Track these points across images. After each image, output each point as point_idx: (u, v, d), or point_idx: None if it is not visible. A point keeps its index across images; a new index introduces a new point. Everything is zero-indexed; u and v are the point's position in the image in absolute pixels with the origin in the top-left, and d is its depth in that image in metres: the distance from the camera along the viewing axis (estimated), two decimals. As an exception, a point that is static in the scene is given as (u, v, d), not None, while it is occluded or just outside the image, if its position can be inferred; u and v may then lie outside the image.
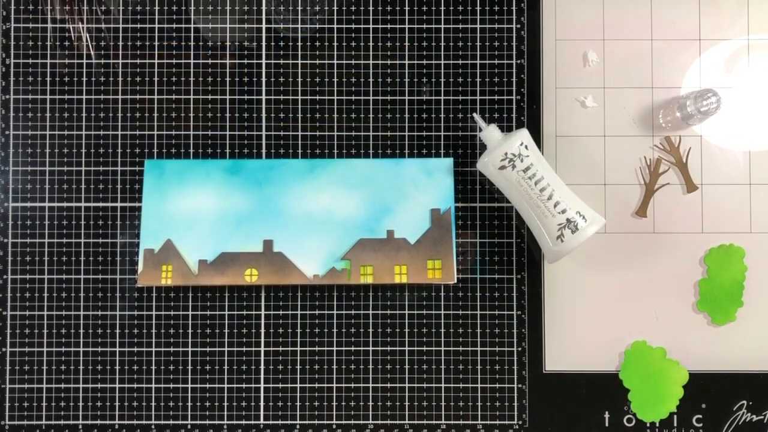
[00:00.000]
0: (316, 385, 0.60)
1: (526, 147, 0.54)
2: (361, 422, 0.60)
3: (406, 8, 0.61)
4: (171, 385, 0.60)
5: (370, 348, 0.60)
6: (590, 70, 0.62)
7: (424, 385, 0.60)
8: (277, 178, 0.60)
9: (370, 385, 0.60)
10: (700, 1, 0.62)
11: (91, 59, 0.61)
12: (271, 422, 0.60)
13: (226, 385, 0.60)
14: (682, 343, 0.60)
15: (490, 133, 0.56)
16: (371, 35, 0.61)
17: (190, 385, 0.60)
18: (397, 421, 0.60)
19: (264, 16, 0.62)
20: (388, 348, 0.60)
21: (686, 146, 0.61)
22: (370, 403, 0.60)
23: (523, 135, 0.55)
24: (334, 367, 0.60)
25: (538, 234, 0.56)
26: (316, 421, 0.60)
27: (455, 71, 0.61)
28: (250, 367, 0.60)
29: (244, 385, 0.60)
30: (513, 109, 0.61)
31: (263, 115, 0.61)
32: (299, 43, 0.61)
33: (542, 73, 0.61)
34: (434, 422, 0.60)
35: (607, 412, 0.60)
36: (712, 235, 0.61)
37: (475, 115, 0.58)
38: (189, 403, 0.60)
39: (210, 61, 0.61)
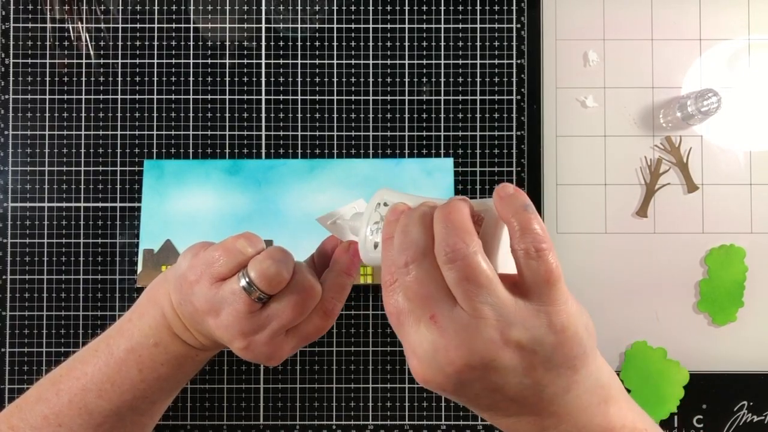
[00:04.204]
0: (316, 385, 0.60)
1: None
2: (361, 422, 0.60)
3: (406, 8, 0.61)
4: (170, 386, 0.60)
5: (370, 348, 0.60)
6: (590, 70, 0.61)
7: (424, 385, 0.60)
8: (276, 178, 0.60)
9: (370, 385, 0.60)
10: (701, 1, 0.62)
11: (90, 59, 0.61)
12: (270, 423, 0.60)
13: (225, 386, 0.60)
14: (683, 344, 0.60)
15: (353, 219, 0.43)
16: (371, 35, 0.61)
17: (189, 386, 0.60)
18: (397, 422, 0.60)
19: (264, 16, 0.61)
20: (388, 348, 0.60)
21: (687, 146, 0.61)
22: (370, 404, 0.60)
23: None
24: (334, 367, 0.60)
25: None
26: (316, 422, 0.60)
27: (455, 71, 0.61)
28: (249, 367, 0.60)
29: (243, 386, 0.60)
30: (513, 109, 0.61)
31: (263, 115, 0.61)
32: (299, 43, 0.61)
33: (542, 73, 0.61)
34: (434, 422, 0.60)
35: (607, 413, 0.60)
36: (713, 236, 0.61)
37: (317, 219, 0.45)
38: (188, 404, 0.60)
39: (209, 61, 0.61)
